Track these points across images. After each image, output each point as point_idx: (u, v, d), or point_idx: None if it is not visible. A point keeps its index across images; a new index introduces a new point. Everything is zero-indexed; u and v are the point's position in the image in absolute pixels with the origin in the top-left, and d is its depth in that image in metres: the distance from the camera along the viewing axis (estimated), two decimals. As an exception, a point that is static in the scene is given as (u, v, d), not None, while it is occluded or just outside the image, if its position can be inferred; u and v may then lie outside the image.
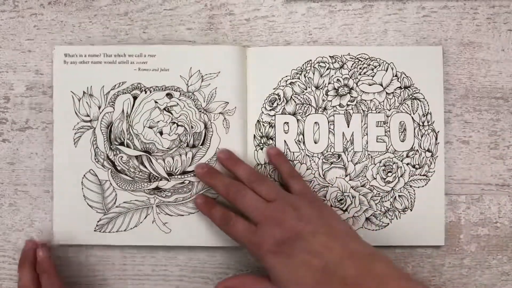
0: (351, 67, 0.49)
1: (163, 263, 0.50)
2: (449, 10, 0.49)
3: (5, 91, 0.50)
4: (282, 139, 0.49)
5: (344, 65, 0.49)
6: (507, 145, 0.49)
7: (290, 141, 0.49)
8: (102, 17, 0.50)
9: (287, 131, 0.49)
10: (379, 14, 0.49)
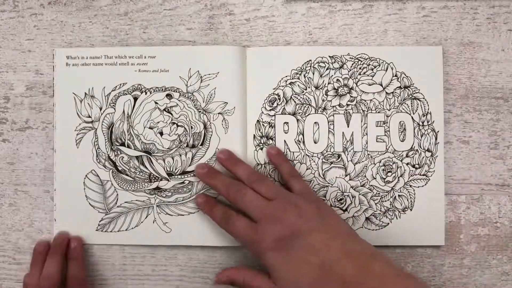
0: (351, 67, 0.49)
1: (163, 263, 0.50)
2: (449, 10, 0.49)
3: (5, 91, 0.50)
4: (282, 139, 0.49)
5: (344, 65, 0.49)
6: (507, 145, 0.49)
7: (290, 141, 0.49)
8: (102, 17, 0.50)
9: (287, 131, 0.49)
10: (379, 14, 0.49)
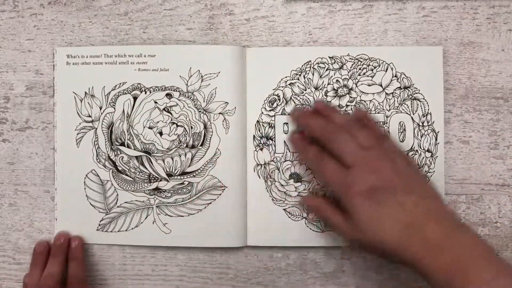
0: (351, 68, 0.49)
1: (163, 263, 0.50)
2: (449, 10, 0.49)
3: (5, 91, 0.50)
4: (282, 140, 0.49)
5: (344, 66, 0.49)
6: (507, 145, 0.49)
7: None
8: (102, 17, 0.50)
9: (287, 132, 0.49)
10: (379, 14, 0.49)
